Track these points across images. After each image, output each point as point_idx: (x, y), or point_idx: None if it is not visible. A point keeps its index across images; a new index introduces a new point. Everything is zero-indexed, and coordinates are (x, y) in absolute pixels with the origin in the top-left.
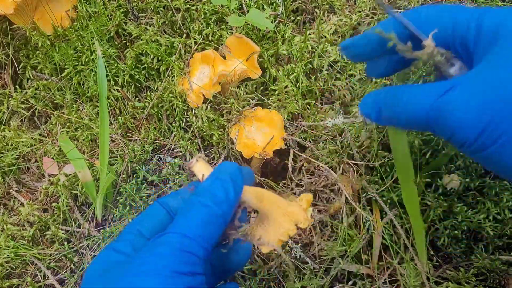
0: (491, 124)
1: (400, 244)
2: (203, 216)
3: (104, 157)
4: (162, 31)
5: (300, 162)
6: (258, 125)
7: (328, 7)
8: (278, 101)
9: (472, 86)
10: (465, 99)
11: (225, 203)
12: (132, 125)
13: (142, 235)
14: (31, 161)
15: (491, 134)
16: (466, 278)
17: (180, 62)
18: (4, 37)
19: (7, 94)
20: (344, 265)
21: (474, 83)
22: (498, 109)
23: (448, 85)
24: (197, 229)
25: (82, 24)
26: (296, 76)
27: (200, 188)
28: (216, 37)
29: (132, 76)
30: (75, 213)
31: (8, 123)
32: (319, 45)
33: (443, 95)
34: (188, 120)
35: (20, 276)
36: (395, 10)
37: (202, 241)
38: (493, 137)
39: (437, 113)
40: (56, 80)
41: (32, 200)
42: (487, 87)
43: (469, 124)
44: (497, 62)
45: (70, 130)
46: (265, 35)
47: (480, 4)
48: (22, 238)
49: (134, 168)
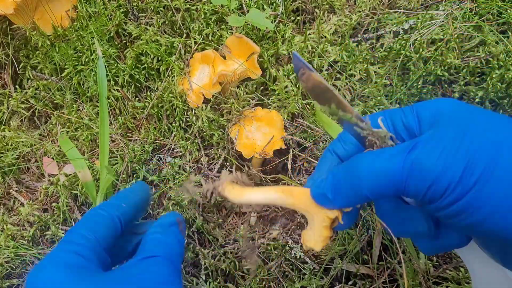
0: (467, 169)
1: (400, 244)
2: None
3: (104, 157)
4: (162, 31)
5: (300, 162)
6: (258, 125)
7: (328, 7)
8: (278, 101)
9: (439, 140)
10: (437, 150)
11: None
12: (132, 125)
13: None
14: (31, 161)
15: (471, 175)
16: (466, 278)
17: (180, 62)
18: (4, 37)
19: (7, 94)
20: (343, 265)
21: (439, 139)
22: (470, 156)
23: (411, 145)
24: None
25: (82, 24)
26: (295, 76)
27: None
28: (216, 37)
29: (132, 76)
30: (75, 213)
31: (8, 123)
32: (319, 45)
33: (410, 152)
34: (188, 120)
35: (20, 276)
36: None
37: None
38: (470, 182)
39: (409, 170)
40: (56, 80)
41: (32, 200)
42: (454, 140)
43: (444, 172)
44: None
45: (70, 130)
46: (265, 35)
47: (480, 4)
48: (22, 238)
49: (134, 168)
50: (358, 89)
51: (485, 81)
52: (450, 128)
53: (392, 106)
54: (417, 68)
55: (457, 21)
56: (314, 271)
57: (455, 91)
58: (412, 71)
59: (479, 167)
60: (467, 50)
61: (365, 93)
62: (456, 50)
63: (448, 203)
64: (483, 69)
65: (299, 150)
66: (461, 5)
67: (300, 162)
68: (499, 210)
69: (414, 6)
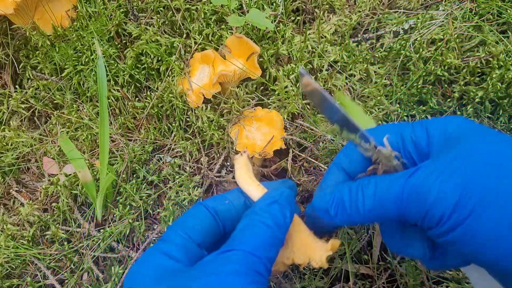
0: (463, 196)
1: None
2: (268, 237)
3: (104, 157)
4: (162, 31)
5: (300, 162)
6: (258, 125)
7: (328, 7)
8: (278, 101)
9: (438, 166)
10: (434, 176)
11: (283, 227)
12: (132, 125)
13: (192, 240)
14: (31, 161)
15: (465, 205)
16: (466, 278)
17: (180, 62)
18: (4, 37)
19: (7, 94)
20: (344, 265)
21: (439, 164)
22: (467, 183)
23: (413, 169)
24: (264, 250)
25: (82, 24)
26: (296, 76)
27: (258, 207)
28: (216, 37)
29: (132, 76)
30: (75, 213)
31: (8, 123)
32: (319, 45)
33: (412, 176)
34: (188, 120)
35: (20, 276)
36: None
37: (267, 262)
38: (467, 208)
39: (408, 195)
40: (56, 80)
41: (32, 200)
42: (450, 166)
43: (443, 196)
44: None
45: (70, 130)
46: (265, 35)
47: (480, 4)
48: (22, 238)
49: (134, 168)
50: (358, 89)
51: (485, 81)
52: (451, 153)
53: (392, 106)
54: (417, 68)
55: (457, 21)
56: (314, 271)
57: (455, 91)
58: (412, 71)
59: (475, 195)
60: (467, 50)
61: (365, 93)
62: (456, 50)
63: (445, 230)
64: (483, 69)
65: (299, 150)
66: (461, 5)
67: (300, 162)
68: (495, 240)
69: (414, 6)
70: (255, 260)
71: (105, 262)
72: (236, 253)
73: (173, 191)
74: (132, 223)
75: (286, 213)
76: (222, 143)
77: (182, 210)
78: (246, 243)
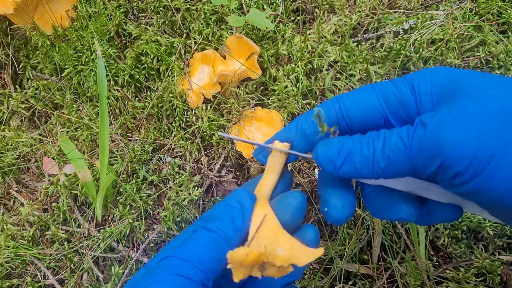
0: (484, 142)
1: (400, 244)
2: (204, 239)
3: (104, 157)
4: (162, 31)
5: (300, 161)
6: (258, 125)
7: (328, 7)
8: (278, 101)
9: (447, 116)
10: (445, 126)
11: (230, 227)
12: (132, 125)
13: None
14: (31, 161)
15: (484, 154)
16: (466, 278)
17: (180, 62)
18: (4, 37)
19: (7, 94)
20: (343, 265)
21: (448, 114)
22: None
23: (419, 122)
24: (194, 252)
25: (82, 24)
26: (296, 76)
27: (208, 215)
28: (216, 37)
29: (132, 76)
30: (75, 213)
31: (8, 123)
32: (319, 45)
33: (420, 128)
34: (188, 120)
35: (20, 276)
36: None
37: (199, 263)
38: (486, 156)
39: (420, 146)
40: (56, 80)
41: (32, 200)
42: (464, 115)
43: (460, 145)
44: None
45: (70, 130)
46: (265, 35)
47: (480, 4)
48: (22, 238)
49: (134, 168)
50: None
51: None
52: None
53: None
54: (417, 68)
55: (457, 21)
56: (314, 271)
57: None
58: (412, 71)
59: (494, 141)
60: (467, 50)
61: None
62: (456, 50)
63: (465, 180)
64: (483, 69)
65: None
66: (461, 5)
67: (300, 162)
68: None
69: (414, 6)
70: (183, 265)
71: (105, 262)
72: (168, 259)
73: (173, 191)
74: (132, 223)
75: (236, 214)
76: (222, 143)
77: (182, 210)
78: (181, 250)
